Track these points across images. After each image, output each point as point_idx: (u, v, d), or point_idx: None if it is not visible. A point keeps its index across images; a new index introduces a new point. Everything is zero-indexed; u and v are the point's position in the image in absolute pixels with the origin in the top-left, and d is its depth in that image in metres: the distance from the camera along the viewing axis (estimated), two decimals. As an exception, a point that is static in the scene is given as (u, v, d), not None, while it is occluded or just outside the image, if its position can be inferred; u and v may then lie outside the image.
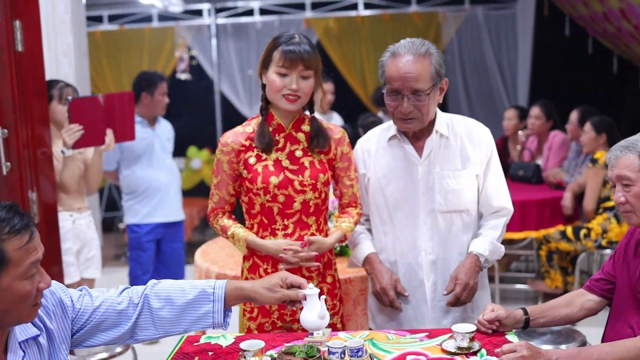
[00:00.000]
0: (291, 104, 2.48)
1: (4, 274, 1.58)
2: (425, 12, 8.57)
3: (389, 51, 2.55)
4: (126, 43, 9.04)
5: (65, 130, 3.60)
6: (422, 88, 2.46)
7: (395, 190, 2.63)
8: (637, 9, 5.94)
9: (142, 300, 1.98)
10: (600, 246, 4.85)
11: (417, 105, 2.48)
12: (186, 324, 2.00)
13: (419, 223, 2.61)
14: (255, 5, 8.77)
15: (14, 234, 1.58)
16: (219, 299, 2.00)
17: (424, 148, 2.61)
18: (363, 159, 2.72)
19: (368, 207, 2.73)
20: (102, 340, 1.96)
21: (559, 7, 7.76)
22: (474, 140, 2.62)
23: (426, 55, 2.48)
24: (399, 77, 2.46)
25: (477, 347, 2.13)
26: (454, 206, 2.59)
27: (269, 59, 2.48)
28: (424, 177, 2.60)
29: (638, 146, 2.17)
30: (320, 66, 2.52)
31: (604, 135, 5.00)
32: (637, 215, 2.19)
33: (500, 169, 2.69)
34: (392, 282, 2.59)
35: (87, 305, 1.92)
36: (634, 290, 2.24)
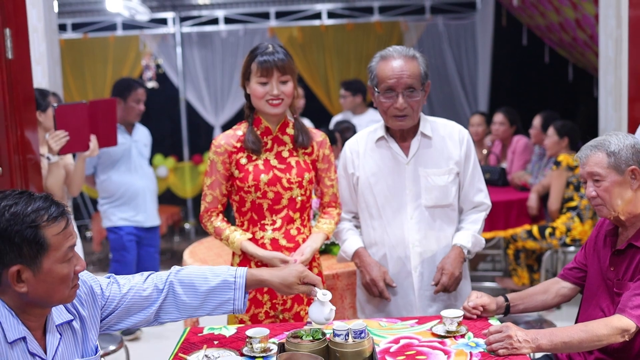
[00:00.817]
0: (275, 108, 2.66)
1: (45, 258, 1.71)
2: (387, 21, 8.76)
3: (377, 56, 2.75)
4: (90, 51, 9.02)
5: (52, 137, 3.66)
6: (414, 85, 2.66)
7: (384, 188, 2.80)
8: (591, 20, 6.19)
9: (167, 286, 2.10)
10: (564, 244, 5.08)
11: (410, 102, 2.67)
12: (208, 308, 2.14)
13: (406, 218, 2.78)
14: (220, 14, 8.85)
15: (52, 221, 1.71)
16: (240, 287, 2.14)
17: (410, 148, 2.79)
18: (352, 160, 2.87)
19: (357, 205, 2.89)
20: (130, 323, 2.09)
21: (516, 17, 8.01)
22: (455, 140, 2.82)
23: (414, 57, 2.70)
24: (393, 75, 2.65)
25: (464, 331, 2.31)
26: (438, 201, 2.77)
27: (248, 71, 2.67)
28: (411, 175, 2.78)
29: (605, 145, 2.38)
30: (295, 71, 2.71)
31: (566, 139, 5.24)
32: (607, 208, 2.38)
33: (479, 167, 2.89)
34: (381, 274, 2.75)
35: (115, 292, 2.04)
36: (605, 277, 2.44)
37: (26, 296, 1.72)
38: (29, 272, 1.70)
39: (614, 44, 4.43)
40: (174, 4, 8.73)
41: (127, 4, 7.38)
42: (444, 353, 2.16)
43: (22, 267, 1.69)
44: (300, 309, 2.75)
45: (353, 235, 2.89)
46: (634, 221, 2.38)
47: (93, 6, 8.70)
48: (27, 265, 1.69)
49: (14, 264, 1.68)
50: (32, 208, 1.70)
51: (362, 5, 8.75)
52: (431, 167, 2.77)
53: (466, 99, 8.83)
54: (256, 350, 2.16)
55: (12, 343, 1.71)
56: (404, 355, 2.15)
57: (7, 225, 1.66)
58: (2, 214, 1.67)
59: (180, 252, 8.31)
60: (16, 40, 3.19)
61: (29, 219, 1.68)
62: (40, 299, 1.74)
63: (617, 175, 2.33)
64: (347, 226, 2.92)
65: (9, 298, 1.73)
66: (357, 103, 6.45)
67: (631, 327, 2.21)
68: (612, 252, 2.42)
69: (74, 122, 3.71)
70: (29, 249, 1.68)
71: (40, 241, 1.69)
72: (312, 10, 8.76)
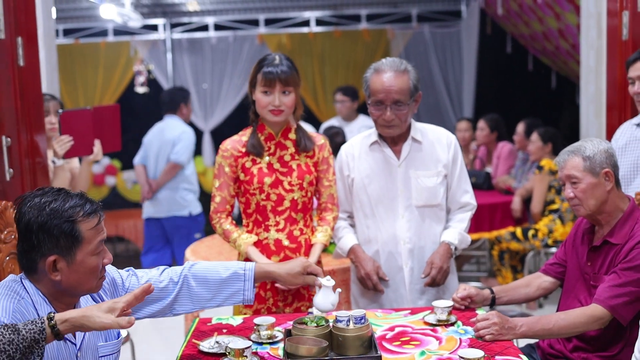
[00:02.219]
0: (276, 116, 2.84)
1: (79, 250, 1.89)
2: (374, 29, 8.93)
3: (372, 68, 2.95)
4: (81, 57, 9.10)
5: (57, 141, 3.80)
6: (402, 99, 2.85)
7: (377, 188, 3.00)
8: (574, 30, 6.38)
9: (182, 279, 2.28)
10: (546, 245, 5.29)
11: (397, 114, 2.87)
12: (220, 299, 2.33)
13: (397, 217, 2.98)
14: (210, 21, 8.98)
15: (87, 216, 1.89)
16: (249, 279, 2.33)
17: (402, 152, 2.99)
18: (347, 162, 3.07)
19: (352, 205, 3.08)
20: (147, 313, 2.27)
21: (501, 26, 8.19)
22: (443, 144, 3.02)
23: (405, 72, 2.89)
24: (382, 90, 2.85)
25: (454, 320, 2.52)
26: (428, 201, 2.98)
27: (255, 80, 2.86)
28: (402, 176, 2.98)
29: (582, 151, 2.59)
30: (299, 82, 2.88)
31: (549, 145, 5.46)
32: (584, 207, 2.58)
33: (465, 170, 3.09)
34: (374, 269, 2.94)
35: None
36: (582, 271, 2.65)
37: (59, 284, 1.89)
38: (64, 262, 1.87)
39: (595, 54, 4.60)
40: (164, 10, 8.86)
41: (120, 11, 7.50)
42: (436, 339, 2.35)
43: (58, 257, 1.87)
44: (301, 305, 2.92)
45: (348, 233, 3.08)
46: (609, 219, 2.58)
47: (84, 12, 8.79)
48: (63, 256, 1.87)
49: (51, 254, 1.86)
50: (70, 204, 1.87)
51: (350, 13, 8.92)
52: (421, 169, 2.97)
53: (451, 106, 9.01)
54: (263, 337, 2.34)
55: None
56: (399, 341, 2.34)
57: (48, 219, 1.84)
58: (43, 209, 1.85)
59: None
60: (27, 48, 3.34)
61: (67, 214, 1.86)
62: (71, 288, 1.91)
63: (593, 177, 2.54)
64: (342, 224, 3.10)
65: (43, 285, 1.91)
66: (353, 109, 6.55)
67: (606, 315, 2.42)
68: (589, 249, 2.63)
69: (78, 127, 3.84)
70: (65, 241, 1.86)
71: (76, 234, 1.87)
72: (300, 18, 8.92)
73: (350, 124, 6.42)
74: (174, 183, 5.88)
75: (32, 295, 1.89)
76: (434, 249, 2.98)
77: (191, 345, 2.33)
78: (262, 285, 2.88)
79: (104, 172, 8.95)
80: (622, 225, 2.54)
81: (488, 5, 7.85)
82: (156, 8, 8.73)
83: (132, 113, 8.70)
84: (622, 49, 3.65)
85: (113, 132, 4.09)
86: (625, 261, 2.45)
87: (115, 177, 9.04)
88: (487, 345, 2.27)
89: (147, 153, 6.05)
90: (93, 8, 8.51)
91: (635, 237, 2.46)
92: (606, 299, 2.42)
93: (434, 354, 2.21)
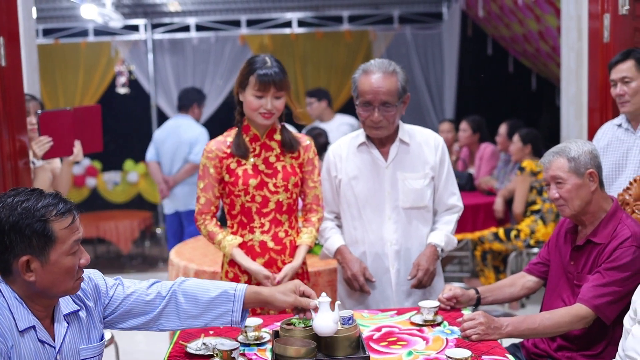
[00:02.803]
0: (266, 120, 2.83)
1: (53, 250, 1.86)
2: (356, 30, 8.94)
3: (360, 69, 2.93)
4: (61, 57, 9.02)
5: (36, 142, 3.76)
6: (390, 101, 2.85)
7: (364, 190, 2.99)
8: (554, 32, 6.44)
9: (170, 294, 2.21)
10: (529, 245, 5.33)
11: (385, 115, 2.87)
12: (208, 319, 2.23)
13: (384, 218, 2.98)
14: (191, 21, 8.93)
15: (60, 216, 1.87)
16: (238, 299, 2.22)
17: (389, 153, 2.99)
18: (335, 163, 3.07)
19: (339, 206, 3.08)
20: (130, 325, 2.21)
21: (482, 28, 8.23)
22: (430, 146, 3.02)
23: (393, 73, 2.88)
24: (371, 91, 2.84)
25: (440, 320, 2.53)
26: (415, 203, 2.98)
27: (246, 82, 2.82)
28: (389, 178, 2.98)
29: (566, 152, 2.61)
30: (290, 86, 2.87)
31: (529, 146, 5.51)
32: (569, 208, 2.61)
33: (452, 172, 3.10)
34: (361, 270, 2.94)
35: (119, 293, 2.18)
36: (565, 270, 2.68)
37: (34, 285, 1.87)
38: (37, 263, 1.85)
39: (576, 56, 4.65)
40: (145, 10, 8.81)
41: (101, 11, 7.46)
42: (423, 339, 2.36)
43: (31, 257, 1.84)
44: None
45: (335, 234, 3.08)
46: (592, 220, 2.61)
47: (65, 12, 8.72)
48: (36, 256, 1.85)
49: (24, 255, 1.84)
50: (42, 204, 1.85)
51: (332, 14, 8.92)
52: (408, 171, 2.97)
53: (433, 107, 9.04)
54: (250, 338, 2.34)
55: (22, 331, 1.85)
56: (386, 341, 2.35)
57: (19, 218, 1.82)
58: (14, 209, 1.83)
59: (152, 256, 8.45)
60: (9, 48, 3.31)
61: (39, 214, 1.83)
62: (46, 289, 1.88)
63: (577, 178, 2.56)
64: (329, 225, 3.10)
65: (18, 287, 1.89)
66: (323, 108, 6.54)
67: (590, 315, 2.45)
68: (572, 248, 2.66)
69: (57, 128, 3.81)
70: (38, 241, 1.84)
71: (49, 234, 1.84)
72: (282, 19, 8.90)
73: (327, 123, 6.44)
74: (191, 179, 6.08)
75: (7, 299, 1.87)
76: (420, 250, 2.99)
77: (178, 346, 2.33)
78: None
79: (84, 173, 8.89)
80: (606, 225, 2.56)
81: (469, 7, 7.89)
82: (137, 8, 8.68)
83: (113, 114, 8.65)
84: (603, 51, 3.70)
85: (94, 133, 4.06)
86: (608, 261, 2.47)
87: (95, 178, 8.98)
88: (473, 345, 2.29)
89: (160, 150, 6.23)
90: (73, 8, 8.45)
91: (618, 237, 2.49)
92: (590, 299, 2.45)
93: (421, 354, 2.23)
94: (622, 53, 3.32)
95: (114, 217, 8.05)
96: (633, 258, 2.44)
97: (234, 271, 2.90)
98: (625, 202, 2.81)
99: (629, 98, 3.29)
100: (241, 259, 2.83)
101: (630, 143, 3.37)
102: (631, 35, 3.64)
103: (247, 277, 2.88)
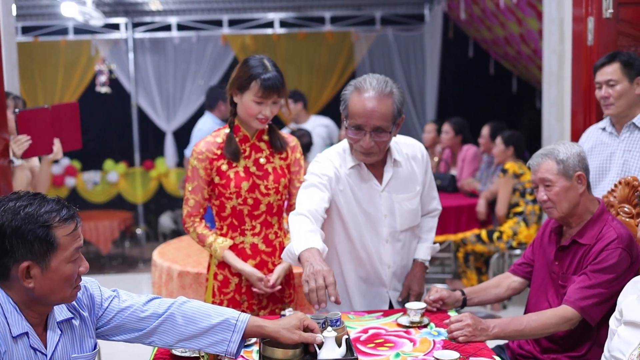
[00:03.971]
0: (262, 124, 2.81)
1: (54, 257, 1.81)
2: (338, 31, 8.93)
3: (352, 85, 2.63)
4: (41, 55, 8.92)
5: (14, 141, 3.71)
6: (384, 126, 2.56)
7: (362, 214, 2.75)
8: (535, 35, 6.48)
9: (167, 313, 2.11)
10: (511, 247, 5.36)
11: (377, 141, 2.59)
12: (202, 344, 2.10)
13: (382, 242, 2.79)
14: (172, 20, 8.89)
15: (63, 222, 1.82)
16: (239, 331, 2.09)
17: (383, 176, 2.75)
18: (333, 180, 2.73)
19: (330, 226, 2.78)
20: (121, 338, 2.13)
21: (463, 30, 8.27)
22: (418, 160, 2.85)
23: (390, 94, 2.57)
24: (363, 114, 2.55)
25: (426, 322, 2.52)
26: (411, 223, 2.83)
27: (246, 86, 2.73)
28: (385, 202, 2.76)
29: (555, 154, 2.61)
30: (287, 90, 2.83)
31: (511, 148, 5.54)
32: (557, 210, 2.61)
33: (432, 176, 2.98)
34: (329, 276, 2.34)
35: (114, 306, 2.10)
36: (550, 270, 2.69)
37: (32, 292, 1.82)
38: (38, 269, 1.80)
39: (557, 59, 4.68)
40: (126, 9, 8.75)
41: (81, 9, 7.38)
42: (410, 341, 2.35)
43: (31, 263, 1.79)
44: (275, 307, 2.92)
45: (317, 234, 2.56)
46: (579, 221, 2.61)
47: (44, 10, 8.63)
48: (37, 262, 1.79)
49: (24, 260, 1.79)
50: (45, 209, 1.80)
51: (314, 15, 8.92)
52: (403, 192, 2.78)
53: (414, 108, 9.04)
54: (237, 340, 2.30)
55: (16, 337, 1.81)
56: (373, 343, 2.34)
57: (22, 223, 1.77)
58: (17, 213, 1.78)
59: (132, 257, 8.39)
60: (-12, 46, 3.26)
61: (42, 219, 1.79)
62: (44, 296, 1.84)
63: (566, 180, 2.57)
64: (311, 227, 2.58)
65: (14, 293, 1.83)
66: (298, 110, 6.56)
67: (575, 316, 2.46)
68: (557, 248, 2.66)
69: (36, 126, 3.76)
70: (40, 247, 1.79)
71: (51, 240, 1.80)
72: (264, 19, 8.88)
73: (302, 125, 6.44)
74: None
75: (2, 304, 1.82)
76: (411, 263, 2.91)
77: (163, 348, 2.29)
78: (237, 289, 2.85)
79: (63, 173, 8.80)
80: (592, 227, 2.57)
81: (451, 9, 7.92)
82: (118, 7, 8.61)
83: (93, 113, 8.58)
84: (587, 54, 3.72)
85: (73, 130, 4.01)
86: (594, 263, 2.48)
87: (75, 178, 8.90)
88: (460, 347, 2.29)
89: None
90: (53, 6, 8.37)
91: (604, 239, 2.50)
92: (576, 300, 2.45)
93: (408, 356, 2.22)
94: (607, 56, 3.34)
95: (94, 217, 7.97)
96: (619, 260, 2.45)
97: (223, 273, 2.87)
98: (610, 204, 2.82)
99: (614, 101, 3.32)
100: (234, 261, 2.80)
101: (614, 147, 3.40)
102: (615, 38, 3.67)
103: (237, 279, 2.86)
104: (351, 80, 2.67)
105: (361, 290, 2.84)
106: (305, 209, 2.60)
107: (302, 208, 2.60)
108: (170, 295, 3.66)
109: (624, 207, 2.77)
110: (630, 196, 2.76)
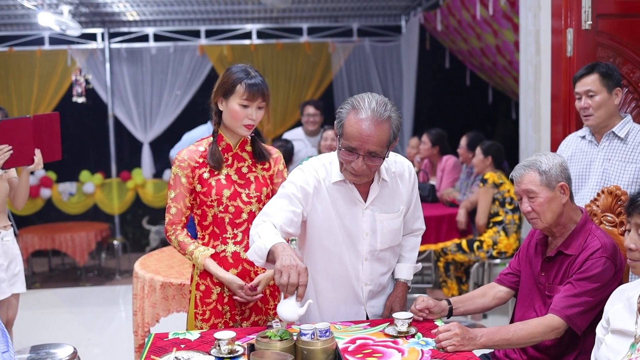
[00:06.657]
0: (248, 130, 2.80)
1: None
2: (316, 42, 9.00)
3: (349, 104, 2.53)
4: (16, 65, 8.85)
5: None
6: (378, 151, 2.49)
7: (342, 230, 2.70)
8: (511, 46, 6.57)
9: None
10: (491, 256, 5.39)
11: (369, 164, 2.52)
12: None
13: (361, 260, 2.75)
14: (149, 31, 8.88)
15: None
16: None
17: (369, 193, 2.69)
18: (308, 194, 2.68)
19: (306, 240, 2.77)
20: None
21: (440, 41, 8.36)
22: (405, 179, 2.80)
23: (387, 120, 2.48)
24: (358, 138, 2.46)
25: (414, 331, 2.52)
26: (391, 243, 2.79)
27: (231, 90, 2.74)
28: (368, 219, 2.70)
29: (537, 165, 2.63)
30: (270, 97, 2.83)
31: (490, 158, 5.58)
32: (541, 221, 2.63)
33: (419, 196, 2.93)
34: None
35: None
36: (536, 281, 2.70)
37: None
38: None
39: (534, 70, 4.73)
40: (103, 19, 8.71)
41: (58, 19, 7.32)
42: (398, 351, 2.34)
43: None
44: (259, 318, 2.90)
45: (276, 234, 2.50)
46: (563, 231, 2.64)
47: (20, 19, 8.58)
48: None
49: None
50: None
51: (292, 26, 8.97)
52: (387, 211, 2.73)
53: (392, 119, 9.08)
54: (224, 351, 2.28)
55: None
56: (361, 353, 2.33)
57: None
58: None
59: (108, 269, 8.31)
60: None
61: None
62: None
63: (549, 191, 2.59)
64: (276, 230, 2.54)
65: None
66: None
67: (562, 325, 2.47)
68: (543, 259, 2.68)
69: (17, 136, 3.73)
70: None
71: None
72: (242, 30, 8.90)
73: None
74: None
75: None
76: (391, 280, 2.90)
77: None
78: (219, 298, 2.83)
79: (38, 184, 8.71)
80: (576, 237, 2.60)
81: (427, 21, 7.99)
82: (94, 17, 8.57)
83: (69, 124, 8.50)
84: (567, 65, 3.76)
85: (53, 141, 3.99)
86: (579, 272, 2.50)
87: (50, 189, 8.81)
88: (448, 356, 2.29)
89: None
90: (28, 15, 8.30)
91: (589, 249, 2.52)
92: (562, 309, 2.47)
93: (397, 366, 2.22)
94: (586, 67, 3.38)
95: (70, 229, 7.88)
96: (603, 269, 2.48)
97: (205, 283, 2.85)
98: (593, 213, 2.85)
99: (593, 112, 3.36)
100: (215, 269, 2.79)
101: (594, 155, 3.44)
102: (594, 50, 3.72)
103: (219, 288, 2.84)
104: (349, 98, 2.57)
105: (339, 310, 2.79)
106: (271, 222, 2.54)
107: (268, 220, 2.55)
108: (153, 307, 3.62)
109: (607, 216, 2.81)
110: (613, 205, 2.80)
